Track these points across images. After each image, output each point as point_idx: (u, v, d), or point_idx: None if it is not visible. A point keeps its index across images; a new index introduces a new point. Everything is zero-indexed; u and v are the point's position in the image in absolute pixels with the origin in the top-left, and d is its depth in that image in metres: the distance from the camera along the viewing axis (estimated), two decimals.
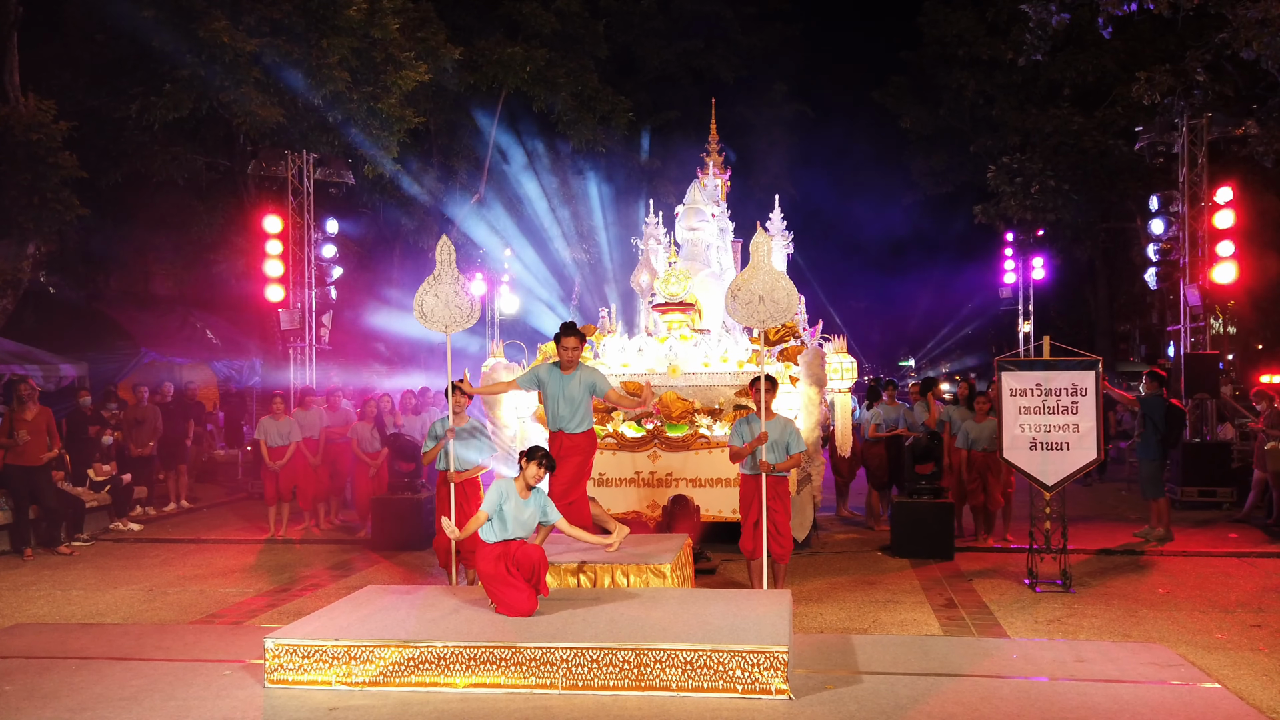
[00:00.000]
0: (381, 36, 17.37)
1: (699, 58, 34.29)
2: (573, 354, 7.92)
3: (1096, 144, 24.43)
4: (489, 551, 6.62)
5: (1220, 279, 14.98)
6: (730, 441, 8.30)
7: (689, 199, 13.37)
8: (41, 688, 6.08)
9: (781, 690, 5.63)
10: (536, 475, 6.73)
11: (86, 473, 12.68)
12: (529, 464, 6.71)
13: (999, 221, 28.02)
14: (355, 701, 5.73)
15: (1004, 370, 9.14)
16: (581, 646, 5.79)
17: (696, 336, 11.80)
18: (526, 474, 6.71)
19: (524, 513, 6.70)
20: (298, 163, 16.56)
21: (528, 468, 6.71)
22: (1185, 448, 14.04)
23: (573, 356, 7.93)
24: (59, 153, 14.48)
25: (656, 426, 10.49)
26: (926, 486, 10.61)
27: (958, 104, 31.65)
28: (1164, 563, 10.13)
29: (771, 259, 8.06)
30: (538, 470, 6.72)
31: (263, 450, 12.18)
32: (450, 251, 8.17)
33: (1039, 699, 5.71)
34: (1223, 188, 15.16)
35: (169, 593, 9.28)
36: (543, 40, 24.24)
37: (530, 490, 6.75)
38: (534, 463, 6.72)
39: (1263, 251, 22.89)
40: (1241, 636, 7.32)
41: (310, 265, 16.49)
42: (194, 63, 15.65)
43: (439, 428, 8.69)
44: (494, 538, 6.65)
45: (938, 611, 8.22)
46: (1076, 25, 19.96)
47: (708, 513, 10.19)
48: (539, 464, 6.72)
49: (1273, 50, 15.35)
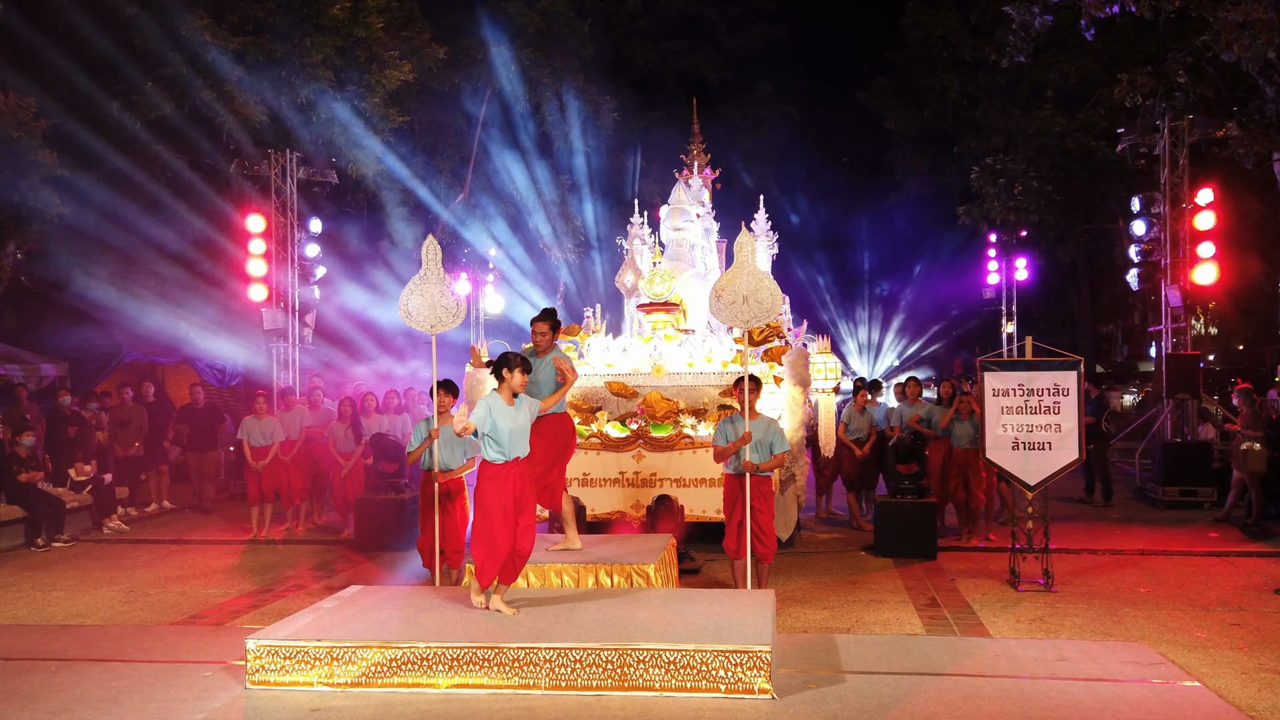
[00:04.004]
0: (365, 35, 17.31)
1: (684, 58, 34.34)
2: (543, 339, 7.88)
3: (1079, 145, 24.59)
4: (494, 472, 6.51)
5: (1201, 280, 15.06)
6: (714, 441, 8.30)
7: (674, 199, 13.38)
8: (20, 689, 6.03)
9: (765, 690, 5.64)
10: (521, 381, 6.63)
11: (67, 473, 12.60)
12: (511, 372, 6.58)
13: (982, 222, 28.16)
14: (337, 702, 5.71)
15: (987, 370, 9.18)
16: (565, 647, 5.79)
17: (681, 336, 11.80)
18: (512, 382, 6.59)
19: (516, 420, 6.57)
20: (281, 161, 16.47)
21: (511, 376, 6.58)
22: (1166, 448, 14.14)
23: (542, 342, 7.89)
24: (39, 150, 14.36)
25: (641, 426, 10.50)
26: (910, 486, 10.65)
27: (941, 105, 31.83)
28: (1145, 562, 10.19)
29: (756, 259, 8.07)
30: (521, 376, 6.61)
31: (246, 450, 12.14)
32: (436, 251, 8.15)
33: (1021, 698, 5.73)
34: (1204, 189, 15.25)
35: (150, 594, 9.22)
36: (528, 40, 24.21)
37: (515, 398, 6.63)
38: (517, 370, 6.59)
39: (1243, 253, 23.08)
40: (1221, 635, 7.37)
41: (294, 264, 16.41)
42: (176, 60, 15.54)
43: (424, 428, 8.67)
44: (499, 457, 6.53)
45: (921, 611, 8.25)
46: (1059, 27, 20.09)
47: (692, 513, 10.20)
48: (521, 370, 6.62)
49: (1253, 52, 15.45)
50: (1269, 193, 21.66)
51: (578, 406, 10.82)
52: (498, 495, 6.51)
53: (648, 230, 13.83)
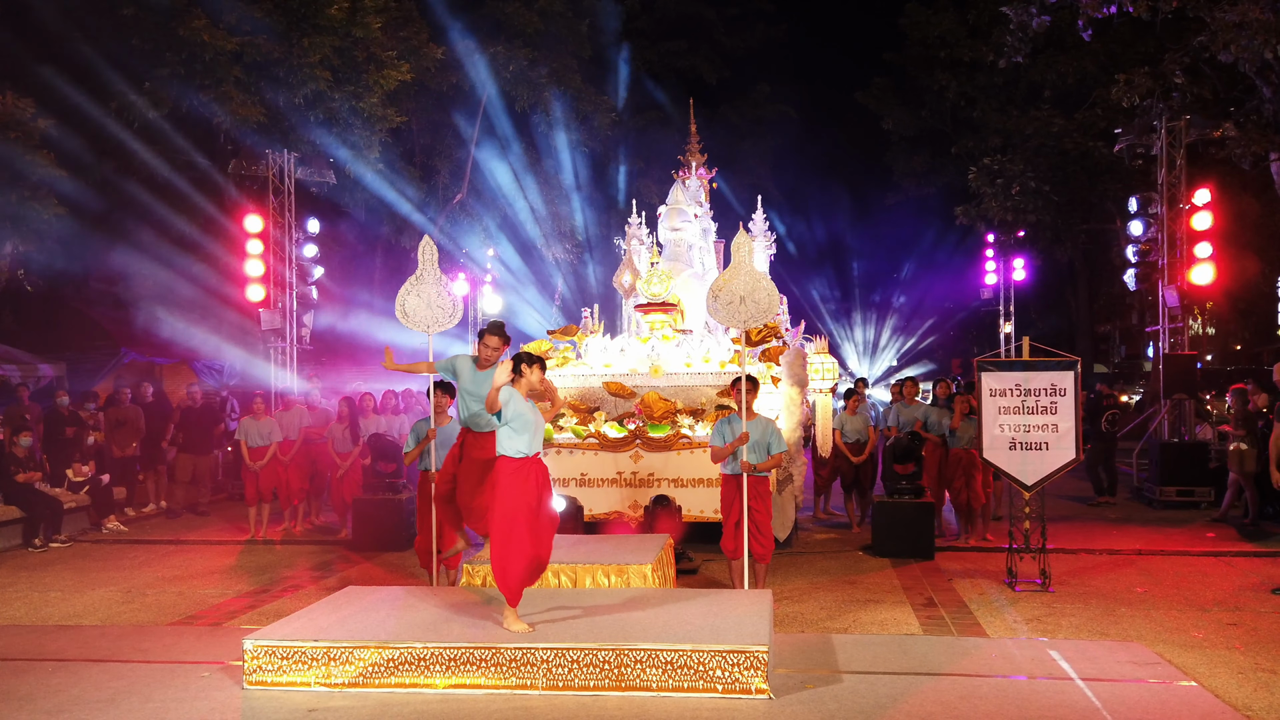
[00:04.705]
0: (363, 35, 17.31)
1: (682, 58, 34.37)
2: (493, 354, 7.50)
3: (1076, 146, 24.63)
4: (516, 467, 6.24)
5: (1198, 280, 15.08)
6: (712, 442, 8.30)
7: (671, 199, 13.38)
8: (18, 690, 6.03)
9: (762, 690, 5.64)
10: (540, 379, 6.44)
11: (65, 473, 12.59)
12: (530, 368, 6.37)
13: (980, 222, 28.21)
14: (334, 703, 5.71)
15: (984, 370, 9.19)
16: (562, 647, 5.79)
17: (679, 337, 11.81)
18: (530, 378, 6.37)
19: (537, 416, 6.36)
20: (278, 162, 16.48)
21: (530, 372, 6.36)
22: (1163, 448, 14.15)
23: (492, 356, 7.53)
24: (37, 151, 14.36)
25: (639, 427, 10.49)
26: (907, 486, 10.65)
27: (939, 105, 31.88)
28: (1142, 562, 10.20)
29: (753, 260, 8.07)
30: (540, 374, 6.43)
31: (243, 451, 12.13)
32: (433, 251, 8.15)
33: (1017, 698, 5.74)
34: (1201, 189, 15.28)
35: (148, 594, 9.22)
36: (526, 40, 24.22)
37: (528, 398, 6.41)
38: (536, 366, 6.40)
39: (1240, 253, 23.13)
40: (1218, 635, 7.38)
41: (291, 265, 16.41)
42: (174, 61, 15.54)
43: (421, 428, 8.67)
44: (524, 449, 6.27)
45: (918, 611, 8.25)
46: (1057, 28, 20.12)
47: (689, 513, 10.19)
48: (540, 367, 6.44)
49: (1250, 53, 15.47)
50: (1266, 193, 21.69)
51: (575, 407, 10.82)
52: (522, 494, 6.21)
53: (645, 230, 13.83)
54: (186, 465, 14.02)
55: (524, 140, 26.15)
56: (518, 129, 25.79)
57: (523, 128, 25.88)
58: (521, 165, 26.12)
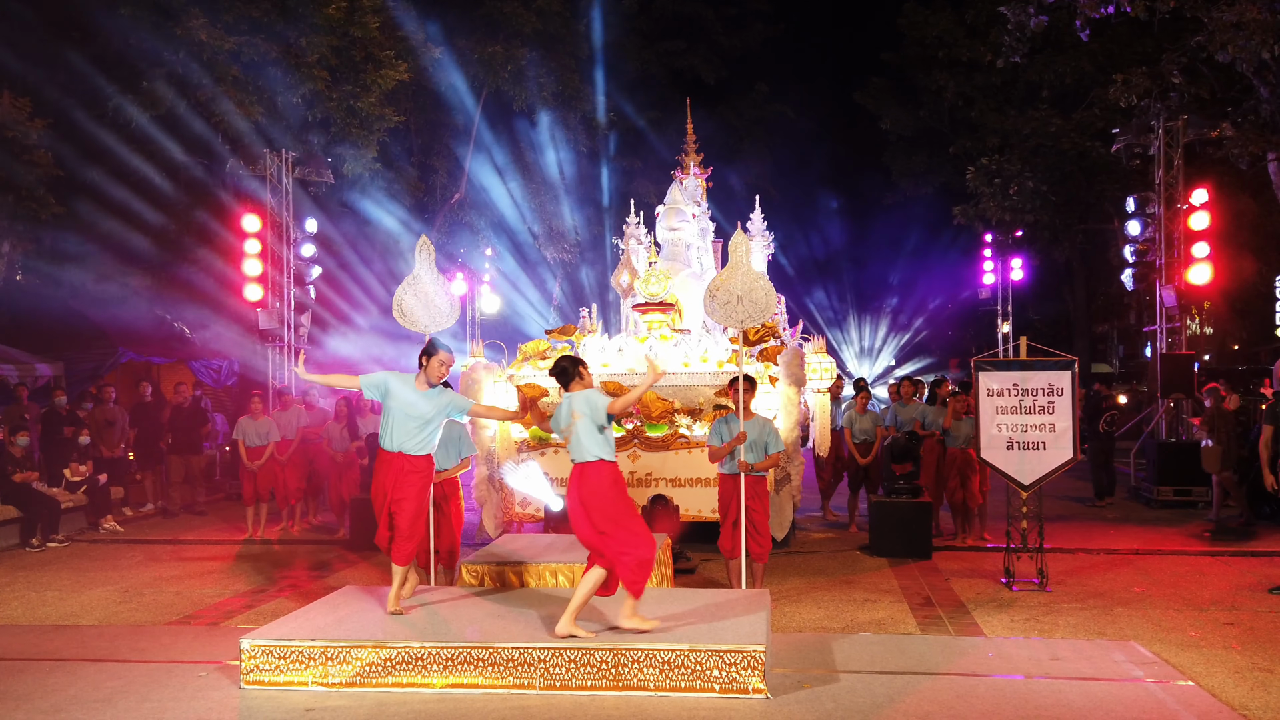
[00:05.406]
0: (361, 35, 17.28)
1: (680, 58, 34.35)
2: (441, 371, 6.90)
3: (1074, 146, 24.65)
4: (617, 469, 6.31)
5: (1196, 280, 15.10)
6: (709, 441, 8.31)
7: (669, 199, 13.39)
8: (15, 689, 6.03)
9: (759, 689, 5.65)
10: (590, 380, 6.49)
11: (62, 473, 12.58)
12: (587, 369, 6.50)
13: (978, 222, 28.21)
14: (332, 702, 5.71)
15: (981, 370, 9.20)
16: (559, 646, 5.80)
17: (677, 336, 11.81)
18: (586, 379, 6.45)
19: None
20: (276, 161, 16.46)
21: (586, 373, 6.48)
22: (1160, 447, 14.16)
23: (445, 374, 6.97)
24: (34, 150, 14.34)
25: (636, 426, 10.50)
26: (905, 486, 10.66)
27: (937, 105, 31.87)
28: (1139, 561, 10.21)
29: (751, 259, 8.07)
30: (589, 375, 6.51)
31: (241, 450, 12.13)
32: (430, 250, 8.14)
33: (1014, 697, 5.74)
34: (1198, 189, 15.30)
35: (145, 594, 9.21)
36: (524, 40, 24.21)
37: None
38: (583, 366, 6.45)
39: (1238, 253, 23.14)
40: (1215, 634, 7.39)
41: (289, 264, 16.39)
42: (171, 60, 15.52)
43: None
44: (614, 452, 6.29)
45: (915, 610, 8.26)
46: (1055, 28, 20.12)
47: (687, 512, 10.20)
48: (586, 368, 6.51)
49: (1248, 53, 15.47)
50: (1263, 193, 21.69)
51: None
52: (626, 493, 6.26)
53: (643, 230, 13.84)
54: (179, 465, 14.02)
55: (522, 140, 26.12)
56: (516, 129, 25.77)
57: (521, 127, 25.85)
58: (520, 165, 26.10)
